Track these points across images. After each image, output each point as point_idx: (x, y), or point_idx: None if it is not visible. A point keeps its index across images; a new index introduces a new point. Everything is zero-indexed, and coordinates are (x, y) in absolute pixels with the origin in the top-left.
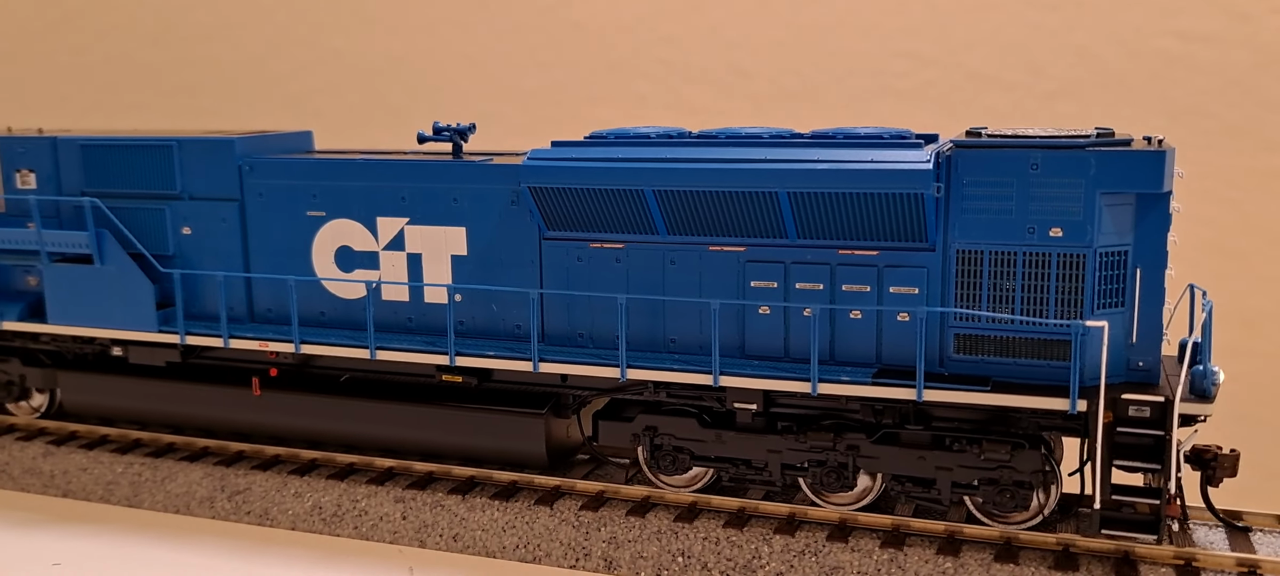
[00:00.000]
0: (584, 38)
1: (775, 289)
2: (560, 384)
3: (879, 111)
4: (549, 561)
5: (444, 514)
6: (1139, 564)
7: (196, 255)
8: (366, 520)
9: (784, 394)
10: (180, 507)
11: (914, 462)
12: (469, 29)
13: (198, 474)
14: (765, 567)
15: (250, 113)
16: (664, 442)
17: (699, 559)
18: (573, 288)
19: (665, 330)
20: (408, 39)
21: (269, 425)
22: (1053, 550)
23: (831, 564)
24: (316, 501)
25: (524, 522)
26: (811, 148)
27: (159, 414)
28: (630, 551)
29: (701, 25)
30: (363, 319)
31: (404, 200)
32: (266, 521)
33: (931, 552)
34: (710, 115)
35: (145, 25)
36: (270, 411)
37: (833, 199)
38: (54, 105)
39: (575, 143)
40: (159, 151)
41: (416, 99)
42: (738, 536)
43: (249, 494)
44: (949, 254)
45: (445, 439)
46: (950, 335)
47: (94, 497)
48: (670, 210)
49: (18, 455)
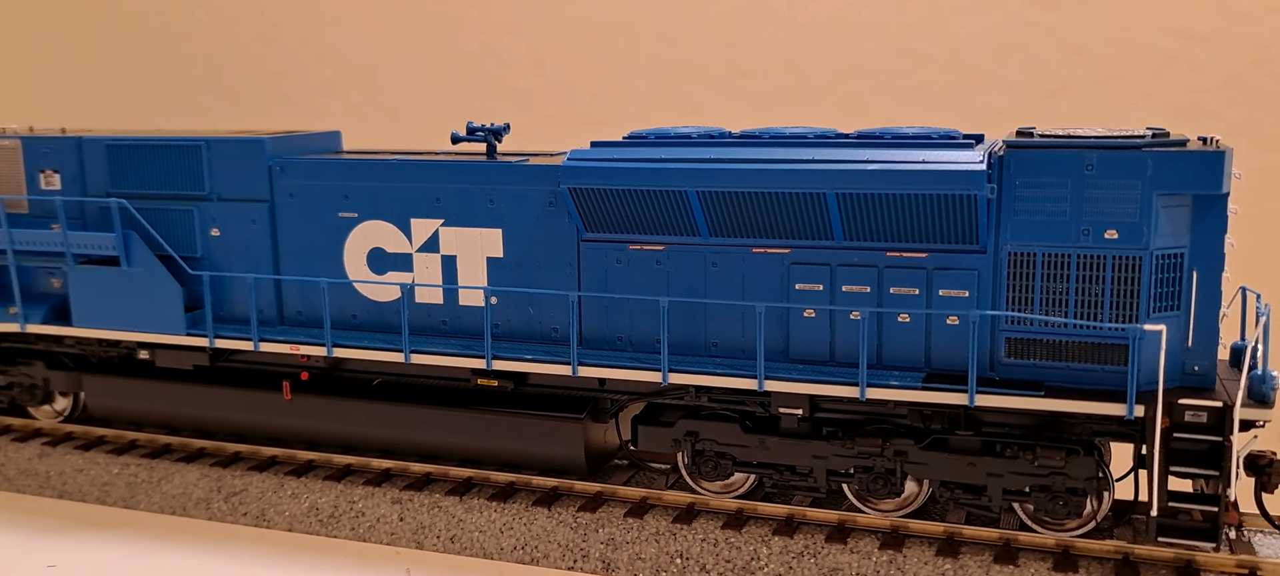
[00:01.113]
0: (582, 36)
1: (821, 292)
2: (598, 388)
3: (878, 110)
4: (547, 563)
5: (441, 515)
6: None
7: (225, 257)
8: (364, 521)
9: (829, 398)
10: (177, 509)
11: (964, 469)
12: (467, 28)
13: (194, 475)
14: (764, 569)
15: (248, 112)
16: (705, 448)
17: (697, 560)
18: (611, 290)
19: (706, 333)
20: (405, 38)
21: (300, 429)
22: (1052, 551)
23: (830, 565)
24: (313, 502)
25: (521, 524)
26: (859, 148)
27: (187, 418)
28: (628, 553)
29: (699, 24)
30: (395, 322)
31: (439, 201)
32: (263, 523)
33: (930, 553)
34: (709, 114)
35: (143, 24)
36: (301, 415)
37: (882, 200)
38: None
39: (614, 143)
40: (187, 152)
41: (414, 98)
42: (736, 537)
43: (246, 495)
44: (1000, 256)
45: (481, 444)
46: (1001, 339)
47: (90, 499)
48: (714, 211)
49: (13, 456)
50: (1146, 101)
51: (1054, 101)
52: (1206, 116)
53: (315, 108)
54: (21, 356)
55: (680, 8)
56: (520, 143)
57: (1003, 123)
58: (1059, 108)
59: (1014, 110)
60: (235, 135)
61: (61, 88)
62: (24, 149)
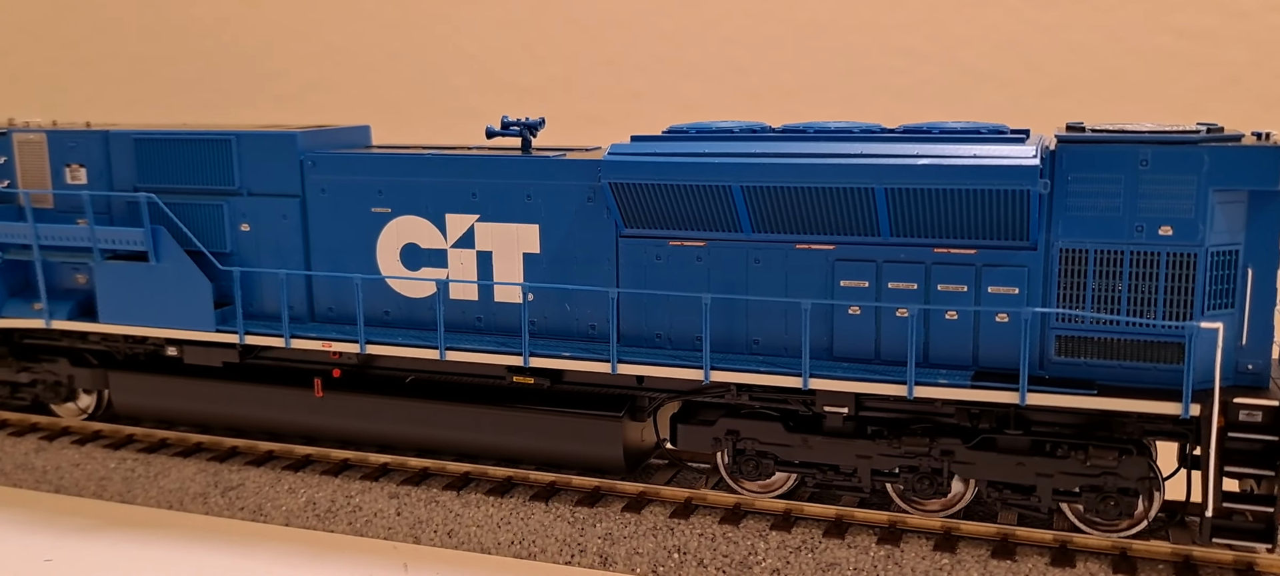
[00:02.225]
0: (580, 34)
1: (866, 288)
2: (635, 386)
3: (877, 108)
4: (544, 557)
5: (439, 510)
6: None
7: (255, 252)
8: (361, 516)
9: (874, 397)
10: (173, 503)
11: (1012, 469)
12: (465, 25)
13: (191, 469)
14: (761, 564)
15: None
16: (747, 447)
17: (695, 555)
18: (650, 286)
19: (747, 331)
20: (403, 35)
21: (332, 427)
22: (1049, 546)
23: (828, 560)
24: (310, 497)
25: (519, 519)
26: (906, 142)
27: (216, 415)
28: (626, 547)
29: (698, 21)
30: (428, 318)
31: (475, 197)
32: (260, 517)
33: (928, 548)
34: (707, 112)
35: (140, 19)
36: (333, 413)
37: (932, 195)
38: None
39: (654, 137)
40: (217, 145)
41: (413, 95)
42: (733, 532)
43: (242, 490)
44: (1051, 253)
45: (516, 442)
46: (1052, 337)
47: (87, 493)
48: (757, 207)
49: (10, 451)
50: (1145, 99)
51: (1052, 99)
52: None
53: (313, 105)
54: (45, 353)
55: (679, 5)
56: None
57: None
58: (1057, 106)
59: (1012, 108)
60: (266, 129)
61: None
62: (49, 143)
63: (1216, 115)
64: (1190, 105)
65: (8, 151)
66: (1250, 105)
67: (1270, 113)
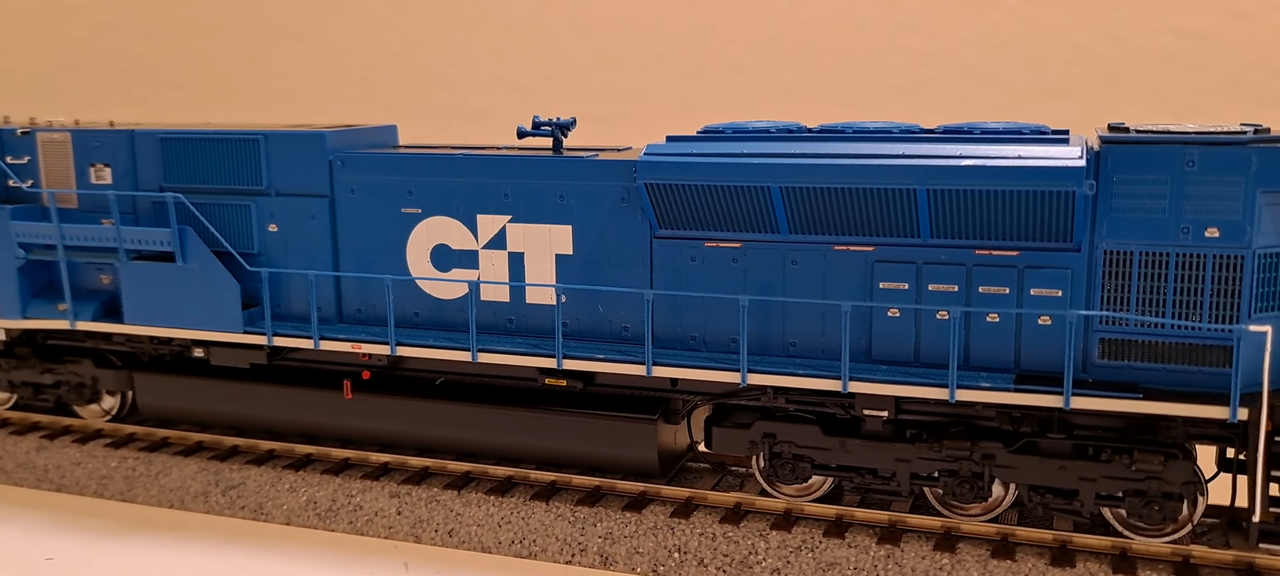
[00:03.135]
0: (581, 33)
1: (906, 290)
2: (669, 388)
3: (877, 108)
4: (545, 557)
5: (439, 509)
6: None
7: (282, 253)
8: (362, 515)
9: (913, 400)
10: (174, 502)
11: (1055, 472)
12: (466, 24)
13: (192, 468)
14: (762, 563)
15: (245, 108)
16: (783, 450)
17: (695, 554)
18: (684, 287)
19: (784, 332)
20: (404, 34)
21: (361, 429)
22: (1049, 546)
23: (828, 559)
24: (311, 496)
25: (520, 518)
26: (948, 143)
27: (243, 417)
28: (626, 547)
29: (698, 21)
30: (458, 320)
31: (507, 197)
32: (261, 516)
33: (928, 548)
34: (708, 111)
35: (141, 19)
36: (363, 415)
37: (975, 196)
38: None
39: (689, 138)
40: (245, 145)
41: (413, 95)
42: (734, 532)
43: (243, 488)
44: (1095, 255)
45: (548, 444)
46: (1095, 339)
47: (88, 492)
48: (796, 207)
49: (11, 449)
50: (1146, 100)
51: (1053, 100)
52: (1205, 115)
53: (313, 104)
54: (69, 354)
55: (680, 5)
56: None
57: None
58: (1058, 106)
59: (1013, 108)
60: (294, 128)
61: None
62: (74, 142)
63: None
64: (1190, 106)
65: (31, 151)
66: (1250, 106)
67: (1270, 113)
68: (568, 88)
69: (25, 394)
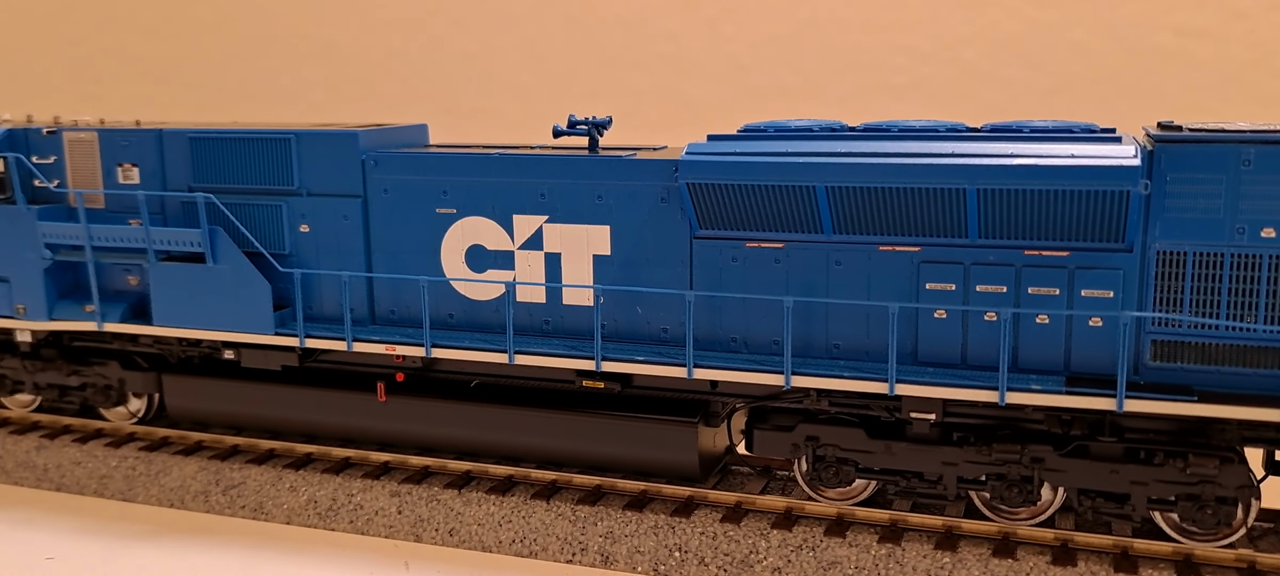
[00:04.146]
0: (581, 32)
1: (953, 291)
2: (708, 390)
3: (877, 106)
4: (545, 556)
5: (440, 508)
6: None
7: (313, 254)
8: (362, 514)
9: (960, 402)
10: (175, 502)
11: (1105, 476)
12: (465, 24)
13: (192, 468)
14: (763, 562)
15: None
16: (827, 454)
17: (696, 553)
18: (725, 288)
19: (827, 334)
20: (404, 33)
21: (396, 432)
22: (1051, 545)
23: (829, 558)
24: (312, 495)
25: (520, 517)
26: (997, 141)
27: (273, 420)
28: (627, 546)
29: (699, 20)
30: (493, 321)
31: (543, 197)
32: (261, 515)
33: (929, 547)
34: (708, 110)
35: (142, 18)
36: (396, 418)
37: (1027, 196)
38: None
39: (730, 136)
40: (276, 145)
41: (413, 94)
42: (735, 531)
43: (244, 488)
44: (1148, 255)
45: (586, 447)
46: (1147, 341)
47: (88, 492)
48: (842, 207)
49: (11, 449)
50: (1146, 99)
51: (1052, 98)
52: (1205, 114)
53: (314, 103)
54: (95, 356)
55: (680, 4)
56: (519, 139)
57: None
58: (1057, 104)
59: (1012, 107)
60: (326, 128)
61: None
62: (101, 142)
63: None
64: (1190, 104)
65: (58, 150)
66: (1250, 105)
67: (1270, 112)
68: (568, 87)
69: (50, 396)
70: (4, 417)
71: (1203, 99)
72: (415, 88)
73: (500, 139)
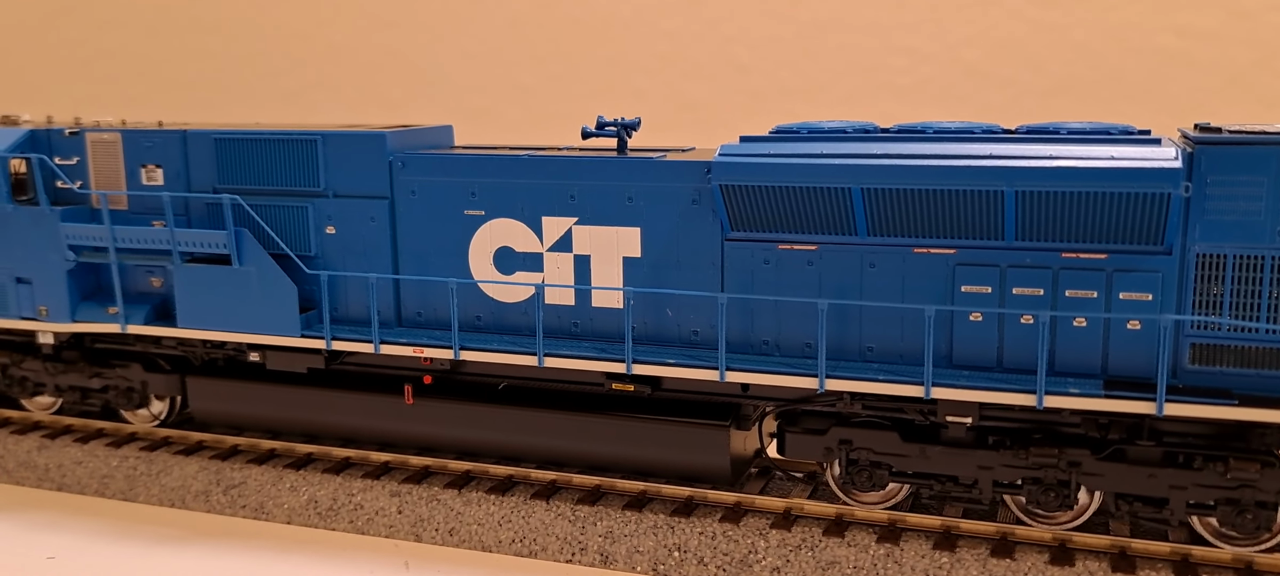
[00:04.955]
0: (582, 33)
1: (989, 294)
2: (739, 393)
3: (877, 107)
4: (545, 555)
5: (440, 508)
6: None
7: (340, 256)
8: (362, 514)
9: (995, 406)
10: (175, 501)
11: (1144, 481)
12: (466, 24)
13: (193, 467)
14: (762, 562)
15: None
16: (860, 457)
17: (695, 553)
18: (757, 291)
19: (860, 337)
20: (405, 34)
21: (423, 435)
22: (1048, 545)
23: (828, 558)
24: (312, 495)
25: (520, 517)
26: (1034, 143)
27: (299, 422)
28: (626, 546)
29: (699, 20)
30: (521, 323)
31: (573, 199)
32: (262, 515)
33: (928, 547)
34: (709, 110)
35: (142, 18)
36: (424, 420)
37: (1066, 198)
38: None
39: (763, 138)
40: (302, 146)
41: (414, 94)
42: (734, 531)
43: (244, 487)
44: (1187, 258)
45: (616, 451)
46: (1186, 344)
47: (89, 491)
48: (877, 209)
49: (12, 448)
50: (1146, 99)
51: (1054, 99)
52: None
53: (314, 103)
54: (117, 358)
55: (680, 4)
56: (519, 139)
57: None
58: (1059, 105)
59: (1013, 107)
60: (352, 129)
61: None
62: (124, 143)
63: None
64: (1192, 105)
65: (80, 151)
66: (1252, 106)
67: (1272, 112)
68: (568, 87)
69: (71, 398)
70: (4, 417)
71: (1205, 100)
72: (416, 88)
73: (499, 140)
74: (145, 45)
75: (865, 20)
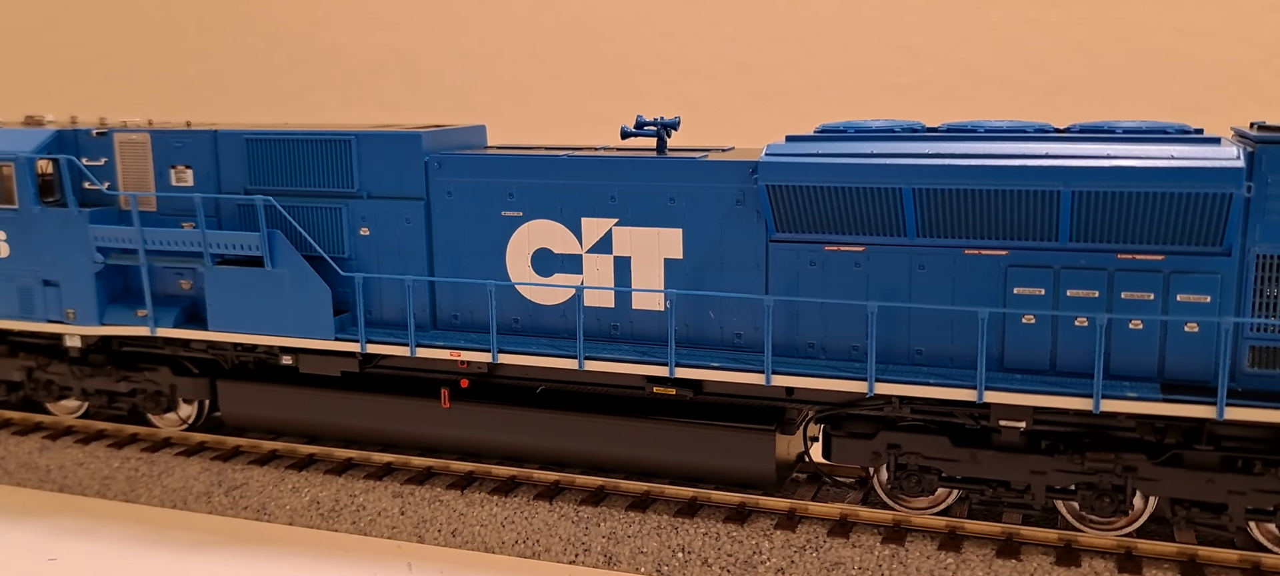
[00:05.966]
0: (582, 33)
1: (1042, 296)
2: (783, 397)
3: (879, 108)
4: (548, 556)
5: (442, 509)
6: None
7: (374, 257)
8: (365, 515)
9: (1052, 410)
10: (177, 502)
11: (1202, 486)
12: (467, 24)
13: (195, 468)
14: (766, 563)
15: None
16: (909, 462)
17: (699, 554)
18: (802, 292)
19: (909, 340)
20: (406, 34)
21: (459, 439)
22: (1055, 546)
23: (832, 559)
24: (314, 496)
25: (523, 518)
26: (1089, 142)
27: (332, 426)
28: (630, 547)
29: (700, 20)
30: (559, 326)
31: (613, 200)
32: (264, 516)
33: (933, 548)
34: (709, 110)
35: (143, 19)
36: (460, 424)
37: (1124, 198)
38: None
39: (809, 137)
40: (335, 146)
41: (414, 94)
42: (738, 532)
43: (246, 488)
44: (1247, 259)
45: (658, 455)
46: (1245, 347)
47: (90, 492)
48: (927, 210)
49: (14, 449)
50: (1147, 99)
51: (1054, 98)
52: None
53: (315, 103)
54: (145, 361)
55: (680, 4)
56: (520, 139)
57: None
58: (1059, 105)
59: (1013, 107)
60: (386, 129)
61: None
62: (153, 143)
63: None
64: (1192, 104)
65: (108, 152)
66: (1252, 105)
67: (1273, 111)
68: (569, 87)
69: (98, 402)
70: (5, 419)
71: (1205, 99)
72: (416, 88)
73: (500, 139)
74: (145, 45)
75: (865, 20)
